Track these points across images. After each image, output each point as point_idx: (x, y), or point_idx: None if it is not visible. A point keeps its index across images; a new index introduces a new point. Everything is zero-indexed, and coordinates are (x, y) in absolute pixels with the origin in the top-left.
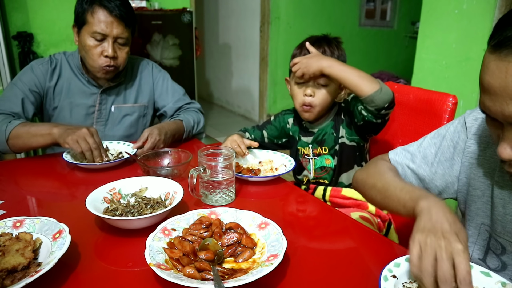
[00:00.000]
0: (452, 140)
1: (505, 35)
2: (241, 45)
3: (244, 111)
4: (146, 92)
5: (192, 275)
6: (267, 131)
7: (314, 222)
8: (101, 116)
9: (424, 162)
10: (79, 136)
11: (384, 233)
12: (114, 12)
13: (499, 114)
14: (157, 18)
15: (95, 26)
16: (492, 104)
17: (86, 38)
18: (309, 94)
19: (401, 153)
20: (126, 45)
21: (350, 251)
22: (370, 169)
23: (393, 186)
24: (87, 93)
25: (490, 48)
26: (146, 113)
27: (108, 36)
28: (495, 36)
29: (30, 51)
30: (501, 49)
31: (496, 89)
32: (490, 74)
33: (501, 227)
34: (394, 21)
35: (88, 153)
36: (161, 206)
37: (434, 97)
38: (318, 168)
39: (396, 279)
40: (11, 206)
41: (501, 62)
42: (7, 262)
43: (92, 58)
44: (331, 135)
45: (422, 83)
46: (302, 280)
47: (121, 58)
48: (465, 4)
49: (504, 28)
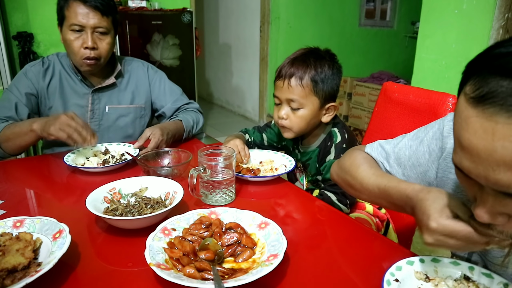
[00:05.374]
0: (429, 146)
1: (490, 89)
2: (241, 45)
3: (244, 111)
4: (143, 94)
5: (192, 275)
6: (266, 134)
7: (314, 222)
8: (94, 117)
9: (397, 163)
10: (60, 123)
11: (383, 233)
12: (88, 2)
13: (482, 178)
14: (157, 18)
15: (72, 19)
16: (473, 167)
17: (66, 32)
18: (282, 117)
19: (377, 149)
20: (106, 34)
21: (350, 251)
22: (345, 161)
23: (371, 185)
24: (80, 93)
25: (470, 101)
26: (143, 115)
27: (85, 27)
28: (473, 85)
29: (30, 51)
30: (485, 106)
31: (480, 152)
32: (471, 132)
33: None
34: (394, 21)
35: (75, 135)
36: (161, 206)
37: (434, 97)
38: (309, 182)
39: (399, 283)
40: (11, 206)
41: (487, 121)
42: (7, 262)
43: (73, 52)
44: (314, 163)
45: (422, 83)
46: (302, 280)
47: (102, 49)
48: (465, 4)
49: (483, 76)
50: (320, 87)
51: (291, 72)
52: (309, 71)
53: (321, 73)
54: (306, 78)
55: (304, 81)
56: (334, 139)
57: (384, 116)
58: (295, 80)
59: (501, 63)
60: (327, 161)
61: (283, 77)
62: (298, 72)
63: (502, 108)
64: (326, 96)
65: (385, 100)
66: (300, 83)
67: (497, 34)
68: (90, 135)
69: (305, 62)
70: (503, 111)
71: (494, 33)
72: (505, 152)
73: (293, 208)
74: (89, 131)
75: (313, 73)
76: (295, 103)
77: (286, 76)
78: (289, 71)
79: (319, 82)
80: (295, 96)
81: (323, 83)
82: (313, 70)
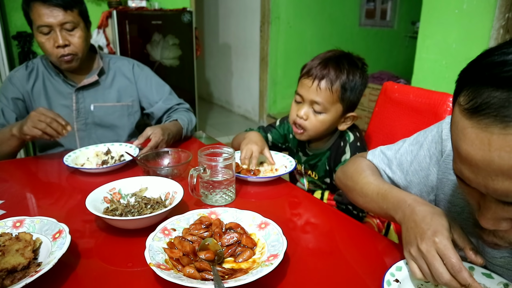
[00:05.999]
0: (429, 150)
1: (483, 101)
2: (241, 45)
3: (244, 111)
4: (129, 92)
5: (192, 275)
6: (271, 134)
7: (314, 222)
8: (80, 116)
9: (400, 169)
10: (31, 121)
11: (384, 233)
12: (47, 1)
13: (482, 187)
14: (157, 18)
15: (37, 21)
16: (473, 177)
17: (37, 35)
18: (301, 116)
19: (379, 156)
20: (75, 28)
21: (350, 251)
22: (349, 168)
23: (370, 191)
24: (64, 93)
25: (464, 112)
26: (131, 112)
27: (52, 26)
28: (467, 96)
29: (30, 51)
30: (479, 117)
31: (478, 162)
32: (469, 143)
33: (481, 246)
34: (394, 21)
35: (48, 129)
36: (161, 206)
37: (434, 97)
38: (311, 183)
39: (399, 283)
40: (11, 206)
41: (482, 132)
42: (7, 262)
43: (48, 53)
44: (323, 165)
45: (422, 83)
46: (302, 280)
47: (75, 44)
48: (465, 4)
49: (476, 87)
50: (347, 96)
51: (323, 73)
52: (341, 76)
53: (352, 81)
54: (337, 84)
55: (335, 86)
56: (348, 139)
57: (384, 116)
58: (325, 83)
59: (492, 74)
60: (342, 161)
61: (313, 77)
62: (330, 75)
63: (496, 119)
64: (350, 105)
65: (385, 100)
66: (330, 87)
67: (497, 34)
68: (62, 127)
69: (338, 66)
70: (497, 122)
71: (495, 33)
72: (502, 162)
73: (293, 208)
74: (60, 121)
75: (344, 79)
76: (319, 106)
77: (317, 76)
78: (322, 72)
79: (348, 90)
80: (321, 99)
81: (351, 92)
82: (345, 77)
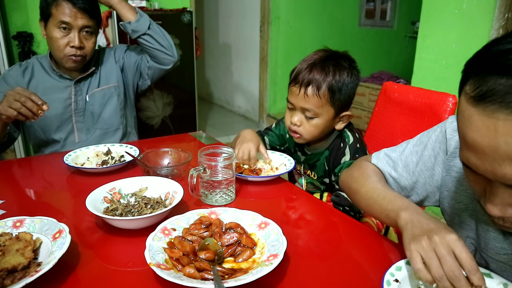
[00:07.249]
0: (433, 149)
1: (489, 88)
2: (241, 45)
3: (244, 111)
4: (113, 72)
5: (192, 275)
6: (268, 137)
7: (314, 222)
8: (78, 107)
9: (406, 170)
10: (7, 100)
11: (383, 233)
12: (77, 4)
13: (489, 174)
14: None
15: (60, 17)
16: (480, 163)
17: (53, 30)
18: (294, 123)
19: (384, 159)
20: (93, 34)
21: (351, 251)
22: (354, 172)
23: (376, 194)
24: (61, 87)
25: (470, 100)
26: (119, 93)
27: (73, 27)
28: (473, 84)
29: (30, 51)
30: (485, 104)
31: (484, 148)
32: (475, 130)
33: (484, 243)
34: (394, 21)
35: (23, 109)
36: (161, 206)
37: (434, 97)
38: (309, 184)
39: (399, 283)
40: (11, 206)
41: (488, 119)
42: (7, 262)
43: (59, 49)
44: (322, 165)
45: (422, 83)
46: (302, 280)
47: (88, 48)
48: (465, 4)
49: (482, 76)
50: (337, 97)
51: (308, 79)
52: (327, 79)
53: (339, 81)
54: (323, 87)
55: (321, 91)
56: (347, 140)
57: (384, 116)
58: (311, 89)
59: (498, 62)
60: (342, 162)
61: (300, 84)
62: (315, 80)
63: (502, 105)
64: (342, 105)
65: (385, 100)
66: (317, 92)
67: (497, 34)
68: (36, 106)
69: (323, 69)
70: (503, 108)
71: (494, 33)
72: (509, 148)
73: (293, 208)
74: (35, 100)
75: (330, 81)
76: (310, 112)
77: (303, 83)
78: (307, 78)
79: (336, 92)
80: (310, 105)
81: (340, 93)
82: (331, 78)
